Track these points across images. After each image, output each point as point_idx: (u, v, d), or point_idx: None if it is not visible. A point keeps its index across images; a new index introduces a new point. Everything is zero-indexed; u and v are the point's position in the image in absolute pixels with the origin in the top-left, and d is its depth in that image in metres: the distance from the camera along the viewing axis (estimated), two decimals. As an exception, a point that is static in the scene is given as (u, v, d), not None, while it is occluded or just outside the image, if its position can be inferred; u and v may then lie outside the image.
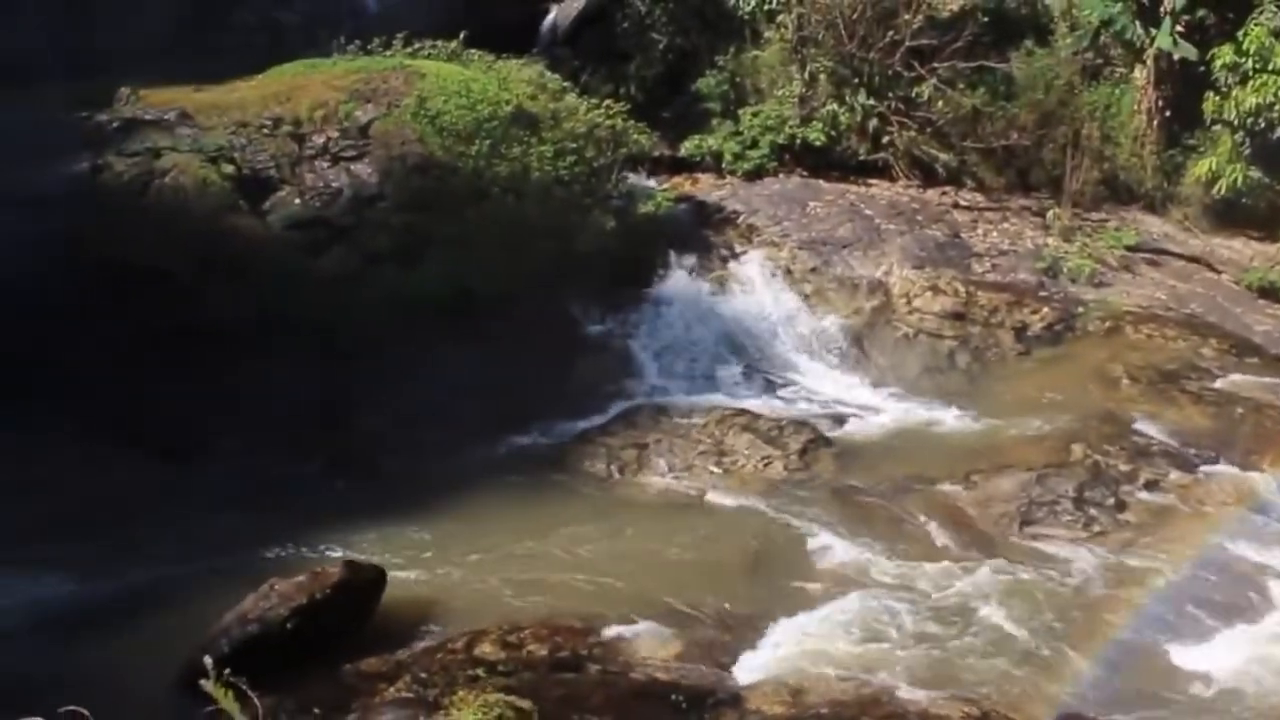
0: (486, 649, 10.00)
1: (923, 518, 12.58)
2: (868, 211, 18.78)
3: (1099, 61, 20.75)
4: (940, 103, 19.82)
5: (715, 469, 13.71)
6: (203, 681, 5.35)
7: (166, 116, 15.66)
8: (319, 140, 15.72)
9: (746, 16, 20.70)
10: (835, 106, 19.88)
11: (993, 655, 10.17)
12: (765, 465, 13.72)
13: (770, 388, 15.95)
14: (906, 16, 19.68)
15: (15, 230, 14.15)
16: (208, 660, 5.55)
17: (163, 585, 11.24)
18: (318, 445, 13.84)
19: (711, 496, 13.25)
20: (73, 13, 17.65)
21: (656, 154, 19.36)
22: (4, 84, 16.22)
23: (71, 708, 5.19)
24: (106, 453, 13.40)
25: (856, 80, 19.94)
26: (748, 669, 9.91)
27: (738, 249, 17.84)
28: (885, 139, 20.02)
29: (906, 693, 9.52)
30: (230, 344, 13.88)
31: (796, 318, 16.98)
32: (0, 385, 13.41)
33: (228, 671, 5.30)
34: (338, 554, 11.42)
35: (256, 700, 5.47)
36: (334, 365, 14.29)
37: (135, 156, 14.97)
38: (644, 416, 14.79)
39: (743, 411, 14.81)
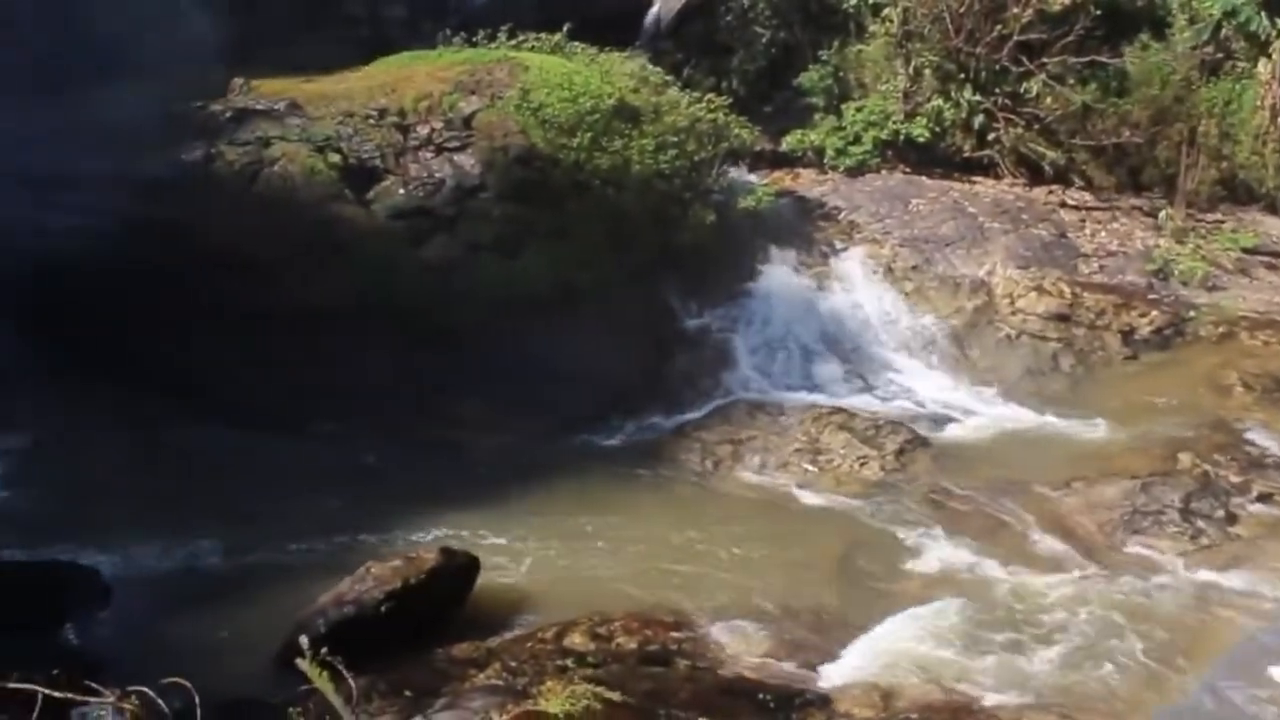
0: (576, 640, 10.06)
1: (1021, 523, 12.33)
2: (971, 209, 18.44)
3: (1219, 56, 20.04)
4: (1049, 99, 19.36)
5: (810, 467, 13.61)
6: (299, 661, 5.49)
7: (277, 107, 16.00)
8: (423, 131, 15.91)
9: (851, 10, 20.48)
10: (940, 102, 19.55)
11: (1088, 667, 9.93)
12: (861, 465, 13.58)
13: (868, 387, 15.78)
14: (1016, 10, 19.25)
15: (130, 216, 14.61)
16: (304, 640, 5.70)
17: (265, 562, 11.56)
18: (416, 431, 14.05)
19: (805, 495, 13.16)
20: (189, 5, 18.13)
21: (758, 149, 19.24)
22: (126, 73, 16.78)
23: (174, 679, 5.35)
24: (213, 433, 13.80)
25: (962, 75, 19.59)
26: (837, 671, 9.82)
27: (838, 245, 17.66)
28: (991, 136, 19.63)
29: (997, 700, 9.35)
30: (332, 330, 14.17)
31: (896, 316, 16.76)
32: (112, 367, 13.92)
33: (324, 651, 5.42)
34: (433, 539, 11.58)
35: (351, 680, 5.59)
36: (433, 353, 14.49)
37: (246, 145, 15.31)
38: (739, 412, 14.74)
39: (839, 410, 14.68)
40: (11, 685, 4.86)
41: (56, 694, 4.87)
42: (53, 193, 14.81)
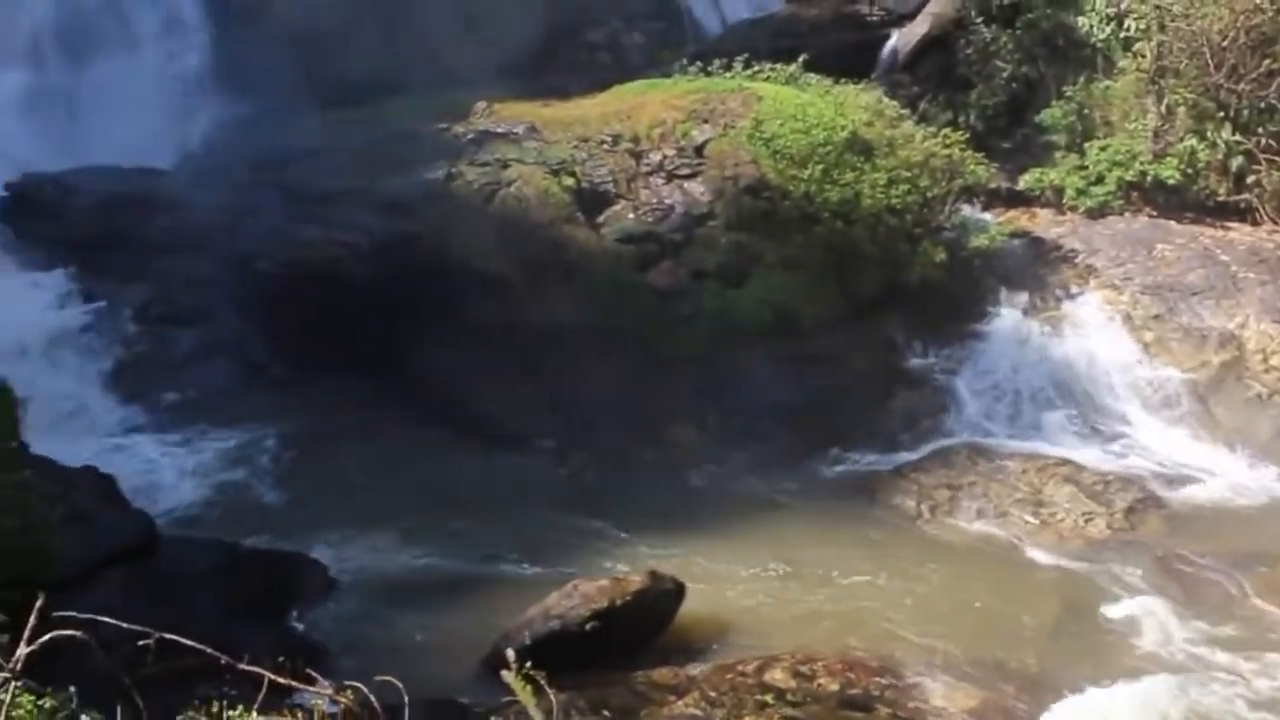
0: (778, 675, 9.94)
1: (1259, 599, 11.47)
2: (1224, 257, 17.33)
3: None
4: (1320, 142, 18.06)
5: (1031, 519, 13.06)
6: (504, 673, 5.60)
7: (516, 130, 16.56)
8: (655, 157, 16.16)
9: (1100, 45, 19.64)
10: (1194, 142, 18.49)
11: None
12: (1086, 521, 12.94)
13: (1098, 439, 15.02)
14: (1287, 44, 18.07)
15: (374, 231, 15.43)
16: (511, 654, 5.81)
17: (477, 569, 11.95)
18: (631, 452, 14.23)
19: (1025, 548, 12.64)
20: (441, 33, 19.04)
21: (993, 186, 18.66)
22: (379, 96, 17.76)
23: (386, 678, 5.56)
24: (436, 440, 14.37)
25: (1221, 113, 18.49)
26: (1045, 735, 9.37)
27: (1074, 290, 16.93)
28: (1250, 178, 18.42)
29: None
30: (556, 348, 14.53)
31: (1133, 367, 15.90)
32: (346, 371, 14.70)
33: (527, 663, 5.52)
34: (641, 561, 11.67)
35: (551, 696, 5.67)
36: (654, 376, 14.65)
37: (485, 166, 15.91)
38: (960, 456, 14.30)
39: (1066, 461, 14.07)
40: (242, 667, 5.14)
41: (282, 680, 5.13)
42: (308, 206, 15.80)
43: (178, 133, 18.15)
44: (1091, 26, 19.58)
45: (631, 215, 15.67)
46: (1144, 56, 18.84)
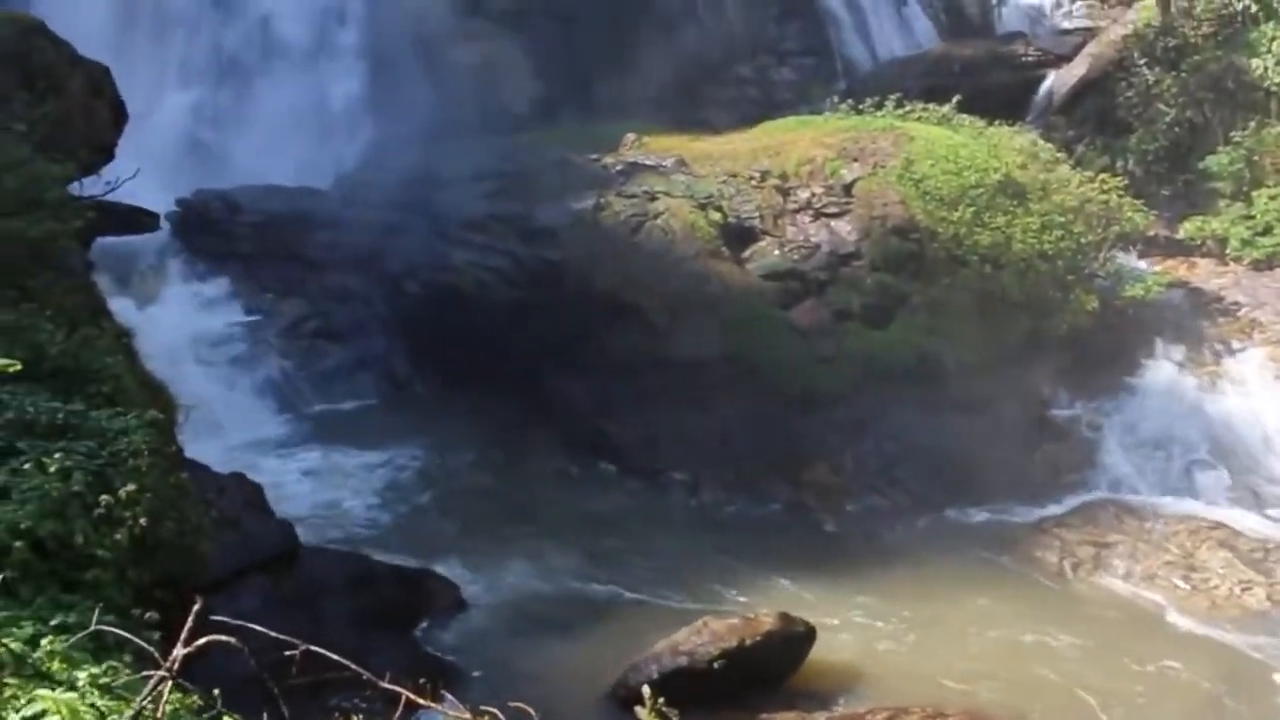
0: (907, 728, 9.68)
1: None
2: (1404, 318, 16.42)
3: None
4: None
5: (1182, 584, 12.49)
6: (637, 708, 5.55)
7: (665, 163, 16.66)
8: (803, 195, 16.06)
9: (1275, 88, 18.86)
10: (1373, 196, 17.62)
11: None
12: (1243, 591, 12.31)
13: (1258, 503, 14.31)
14: None
15: (521, 257, 15.66)
16: (646, 690, 5.76)
17: (605, 597, 11.95)
18: (765, 489, 14.09)
19: (1174, 616, 12.07)
20: (595, 65, 19.31)
21: (1151, 234, 18.05)
22: (533, 124, 18.09)
23: (520, 704, 5.56)
24: (571, 465, 14.49)
25: (1404, 167, 17.59)
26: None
27: (1235, 345, 16.22)
28: None
29: None
30: (694, 381, 14.49)
31: (1300, 429, 15.14)
32: (485, 393, 14.92)
33: (662, 701, 5.45)
34: (772, 601, 11.50)
35: (681, 733, 5.58)
36: (791, 414, 14.51)
37: (633, 198, 16.01)
38: (1106, 513, 13.78)
39: (1221, 525, 13.44)
40: (383, 685, 5.20)
41: (421, 701, 5.16)
42: (458, 230, 16.14)
43: (336, 153, 18.77)
44: (1267, 69, 18.84)
45: (777, 252, 15.59)
46: (1322, 103, 18.06)
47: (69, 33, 11.49)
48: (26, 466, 6.24)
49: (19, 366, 3.97)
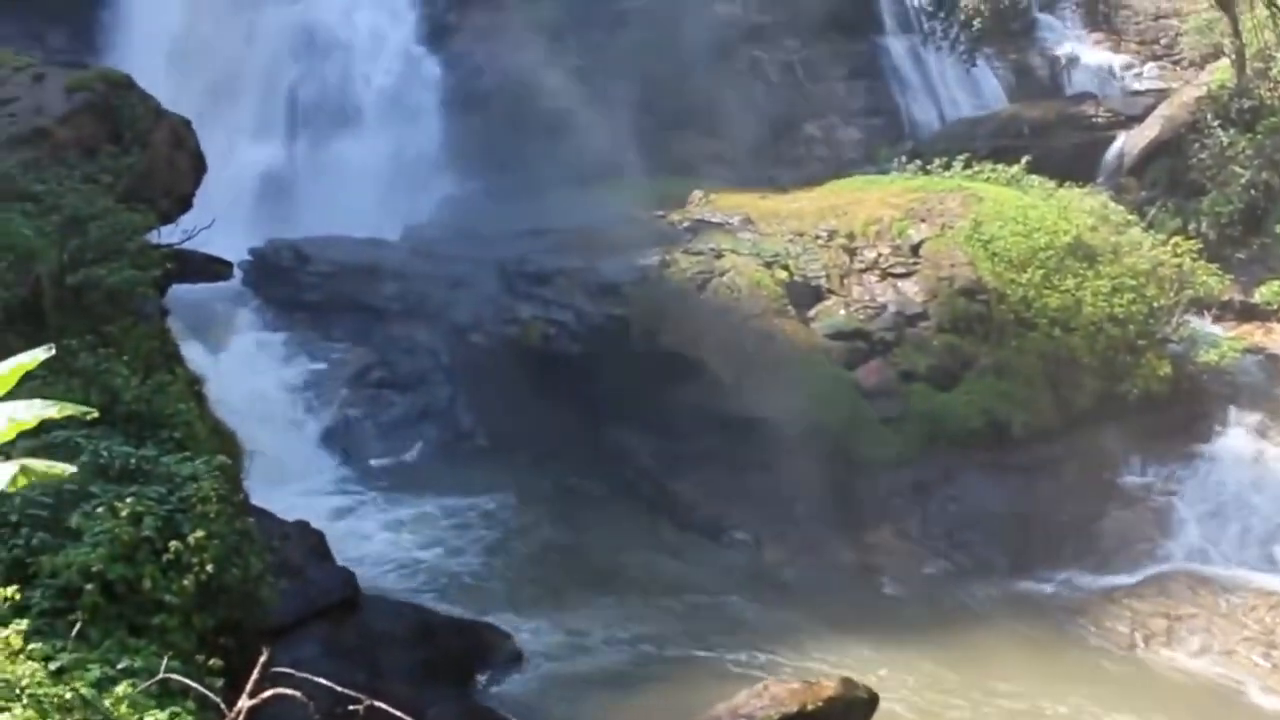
0: (972, 803, 9.41)
1: None
2: None
3: None
4: None
5: (1262, 661, 12.08)
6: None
7: (731, 220, 16.70)
8: (870, 255, 16.00)
9: (1352, 153, 18.52)
10: None
11: None
12: (1327, 669, 11.89)
13: (1341, 578, 13.86)
14: None
15: (587, 312, 15.71)
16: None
17: (666, 656, 11.81)
18: (827, 551, 13.89)
19: (1254, 694, 11.68)
20: (664, 122, 19.45)
21: (1225, 298, 17.71)
22: (602, 179, 18.24)
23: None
24: (632, 521, 14.40)
25: None
26: None
27: (1313, 414, 15.80)
28: None
29: None
30: (757, 439, 14.37)
31: (1382, 502, 14.66)
32: (548, 445, 14.92)
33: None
34: (832, 665, 11.29)
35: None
36: (855, 475, 14.33)
37: (699, 255, 16.04)
38: (1179, 584, 13.40)
39: (1301, 599, 12.99)
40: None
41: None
42: (525, 283, 16.25)
43: (406, 206, 19.03)
44: (1346, 131, 18.50)
45: (843, 311, 15.51)
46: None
47: (151, 85, 11.80)
48: (99, 510, 6.32)
49: (95, 414, 4.04)
